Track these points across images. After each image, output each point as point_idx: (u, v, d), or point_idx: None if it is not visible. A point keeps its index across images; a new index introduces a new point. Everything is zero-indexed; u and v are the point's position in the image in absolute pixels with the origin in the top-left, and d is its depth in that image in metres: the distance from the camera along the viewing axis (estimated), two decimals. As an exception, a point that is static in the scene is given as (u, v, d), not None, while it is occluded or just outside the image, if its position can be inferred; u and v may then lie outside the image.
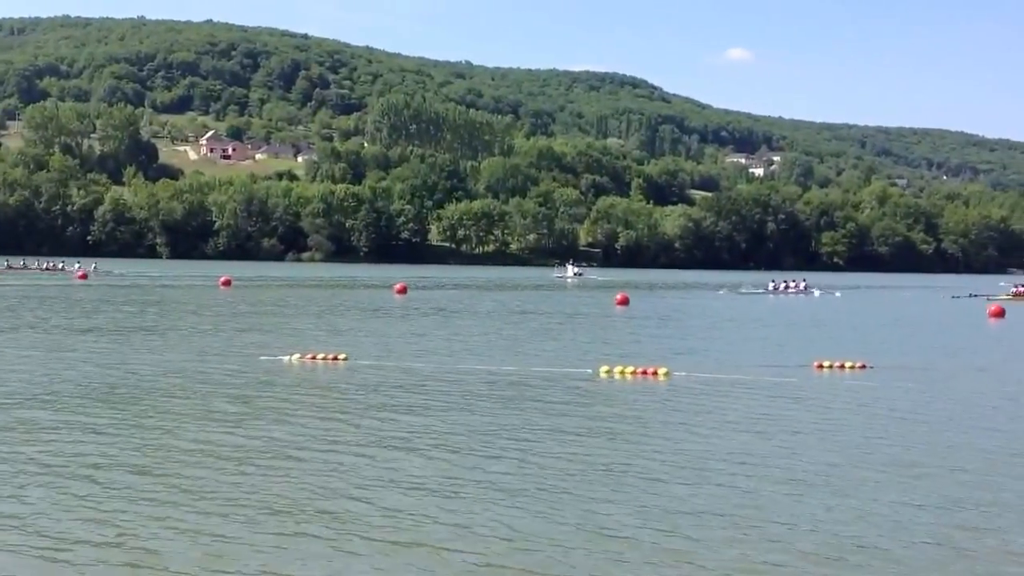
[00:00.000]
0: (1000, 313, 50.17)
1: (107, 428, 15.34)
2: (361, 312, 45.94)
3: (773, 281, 78.95)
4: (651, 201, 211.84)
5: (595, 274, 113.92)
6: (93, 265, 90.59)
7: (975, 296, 67.52)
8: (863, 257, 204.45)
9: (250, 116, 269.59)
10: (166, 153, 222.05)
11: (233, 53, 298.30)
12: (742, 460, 13.71)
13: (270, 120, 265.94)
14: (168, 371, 22.27)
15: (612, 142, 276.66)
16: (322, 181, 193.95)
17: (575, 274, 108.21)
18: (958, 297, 68.54)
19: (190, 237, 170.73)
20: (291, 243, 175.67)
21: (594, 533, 10.18)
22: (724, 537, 10.14)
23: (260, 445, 14.29)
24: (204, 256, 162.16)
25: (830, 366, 24.61)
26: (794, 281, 78.45)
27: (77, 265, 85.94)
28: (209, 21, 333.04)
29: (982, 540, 10.22)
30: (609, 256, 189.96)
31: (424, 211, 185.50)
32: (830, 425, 16.76)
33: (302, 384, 20.97)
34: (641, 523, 10.55)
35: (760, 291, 75.25)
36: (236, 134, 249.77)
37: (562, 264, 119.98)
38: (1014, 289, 66.84)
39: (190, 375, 21.74)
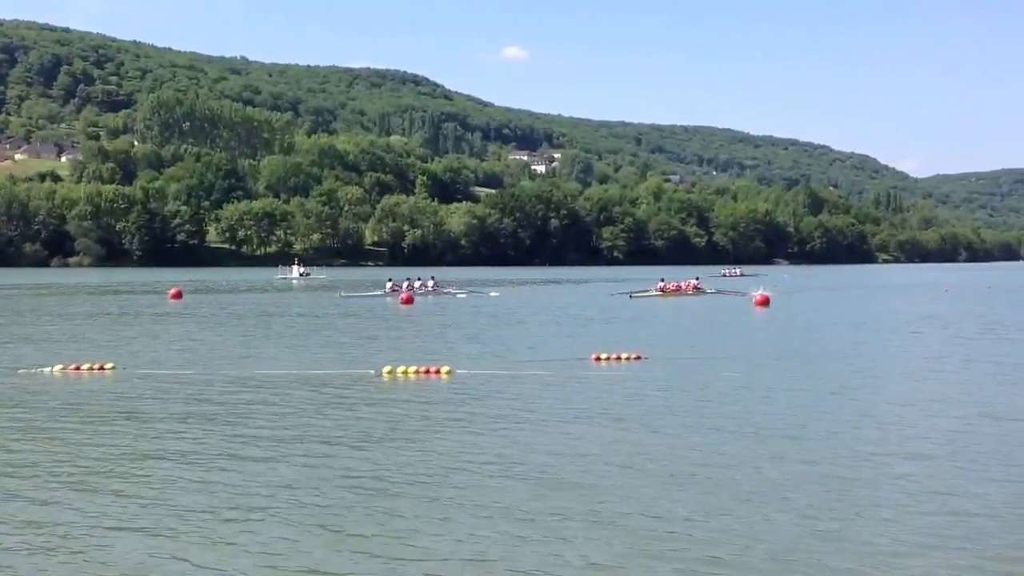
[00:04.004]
0: (765, 302, 52.94)
1: None
2: (133, 319, 43.81)
3: (391, 280, 66.09)
4: (436, 199, 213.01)
5: (322, 275, 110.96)
6: None
7: (623, 293, 65.40)
8: (641, 251, 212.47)
9: (8, 114, 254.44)
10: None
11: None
12: (507, 458, 13.71)
13: (30, 118, 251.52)
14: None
15: (395, 140, 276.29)
16: (89, 182, 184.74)
17: (301, 275, 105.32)
18: (614, 294, 65.58)
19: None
20: (56, 248, 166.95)
21: (336, 538, 9.96)
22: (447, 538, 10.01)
23: (3, 463, 13.18)
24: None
25: (607, 358, 25.12)
26: (420, 279, 65.22)
27: None
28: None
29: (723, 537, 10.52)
30: (395, 255, 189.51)
31: (201, 212, 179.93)
32: (600, 415, 17.02)
33: (62, 397, 19.63)
34: (380, 527, 10.32)
35: (377, 293, 63.39)
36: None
37: (286, 265, 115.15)
38: (660, 284, 66.73)
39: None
